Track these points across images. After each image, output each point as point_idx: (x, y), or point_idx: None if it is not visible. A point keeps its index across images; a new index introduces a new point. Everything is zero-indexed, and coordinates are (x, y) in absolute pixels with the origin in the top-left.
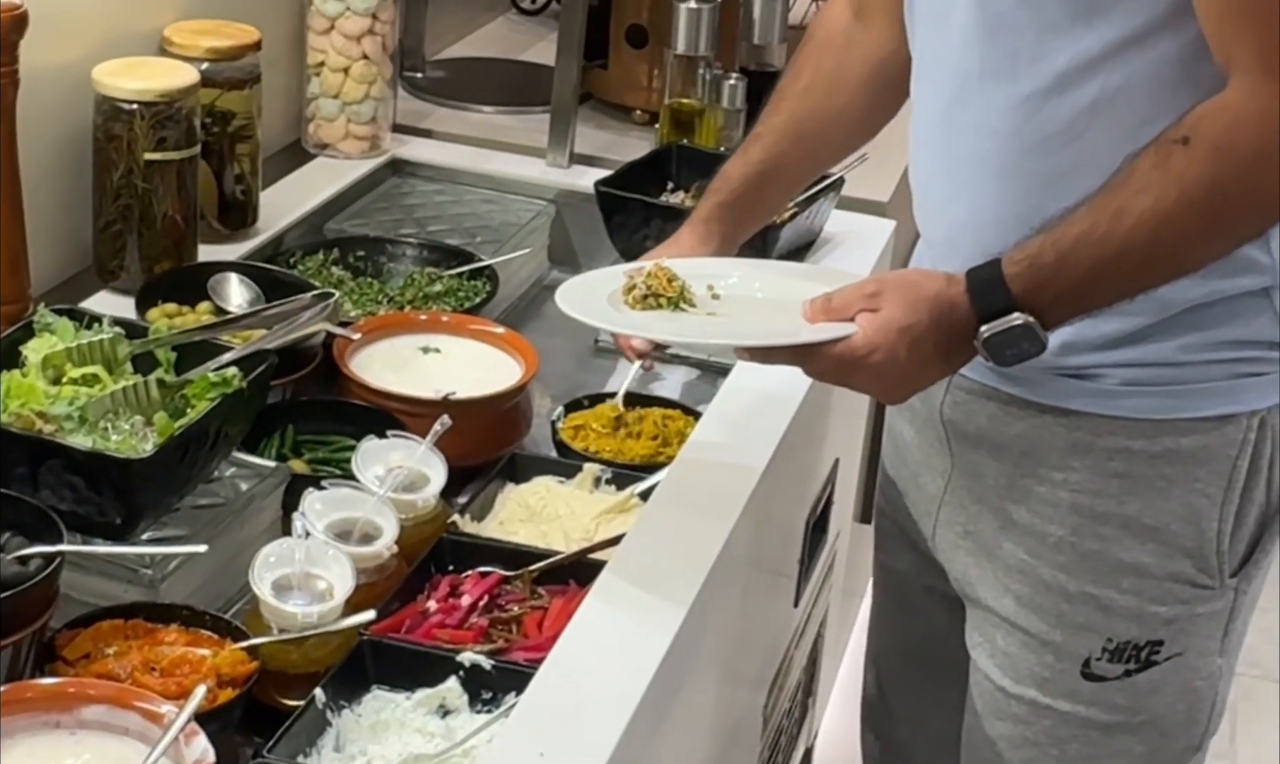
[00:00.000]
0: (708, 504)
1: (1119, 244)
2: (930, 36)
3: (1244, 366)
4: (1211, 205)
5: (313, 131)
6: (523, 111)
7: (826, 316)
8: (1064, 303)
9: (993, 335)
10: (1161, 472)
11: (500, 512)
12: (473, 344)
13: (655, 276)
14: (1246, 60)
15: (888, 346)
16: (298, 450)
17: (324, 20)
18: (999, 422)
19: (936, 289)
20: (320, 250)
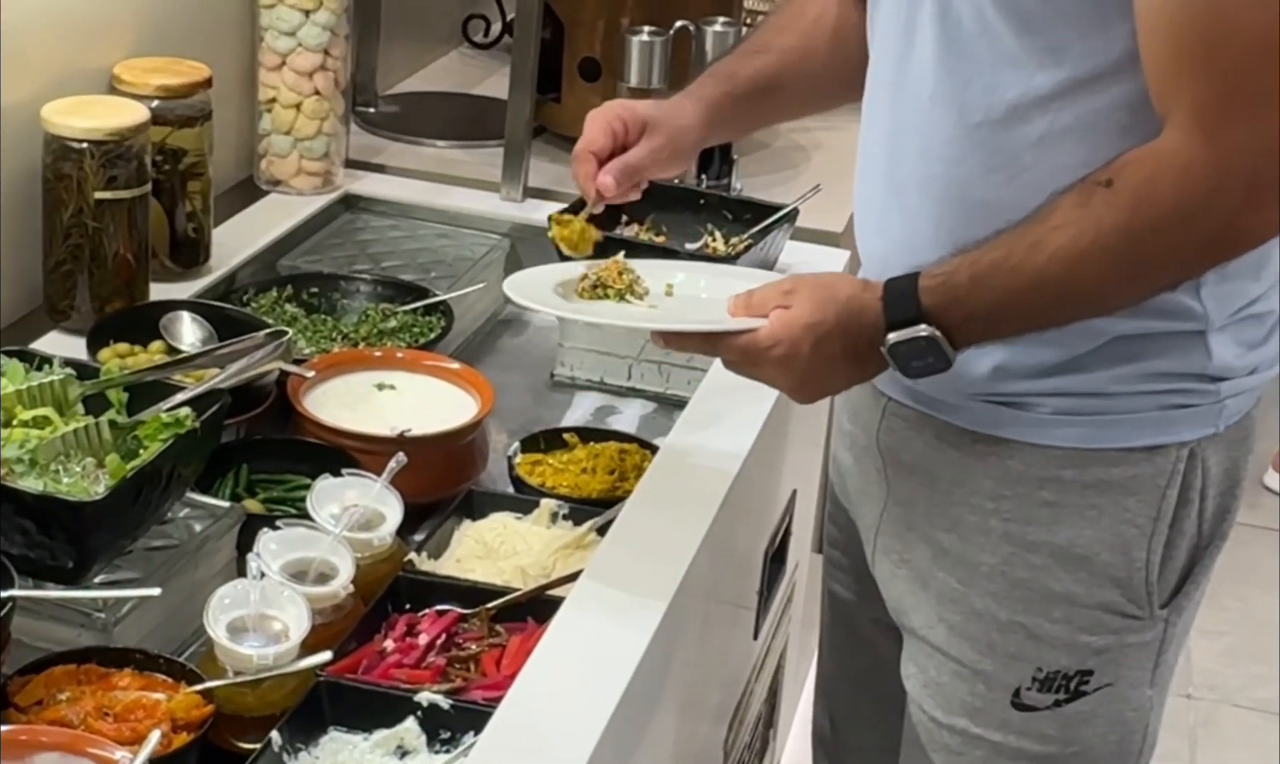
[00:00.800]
0: (665, 538)
1: (1031, 276)
2: (889, 55)
3: (1175, 398)
4: (1124, 252)
5: (265, 168)
6: (476, 145)
7: (747, 312)
8: (973, 324)
9: (898, 343)
10: (1092, 501)
11: (457, 549)
12: (428, 380)
13: (607, 269)
14: (1181, 113)
15: (790, 341)
16: (252, 490)
17: (275, 56)
18: (932, 449)
19: (849, 292)
20: (274, 287)
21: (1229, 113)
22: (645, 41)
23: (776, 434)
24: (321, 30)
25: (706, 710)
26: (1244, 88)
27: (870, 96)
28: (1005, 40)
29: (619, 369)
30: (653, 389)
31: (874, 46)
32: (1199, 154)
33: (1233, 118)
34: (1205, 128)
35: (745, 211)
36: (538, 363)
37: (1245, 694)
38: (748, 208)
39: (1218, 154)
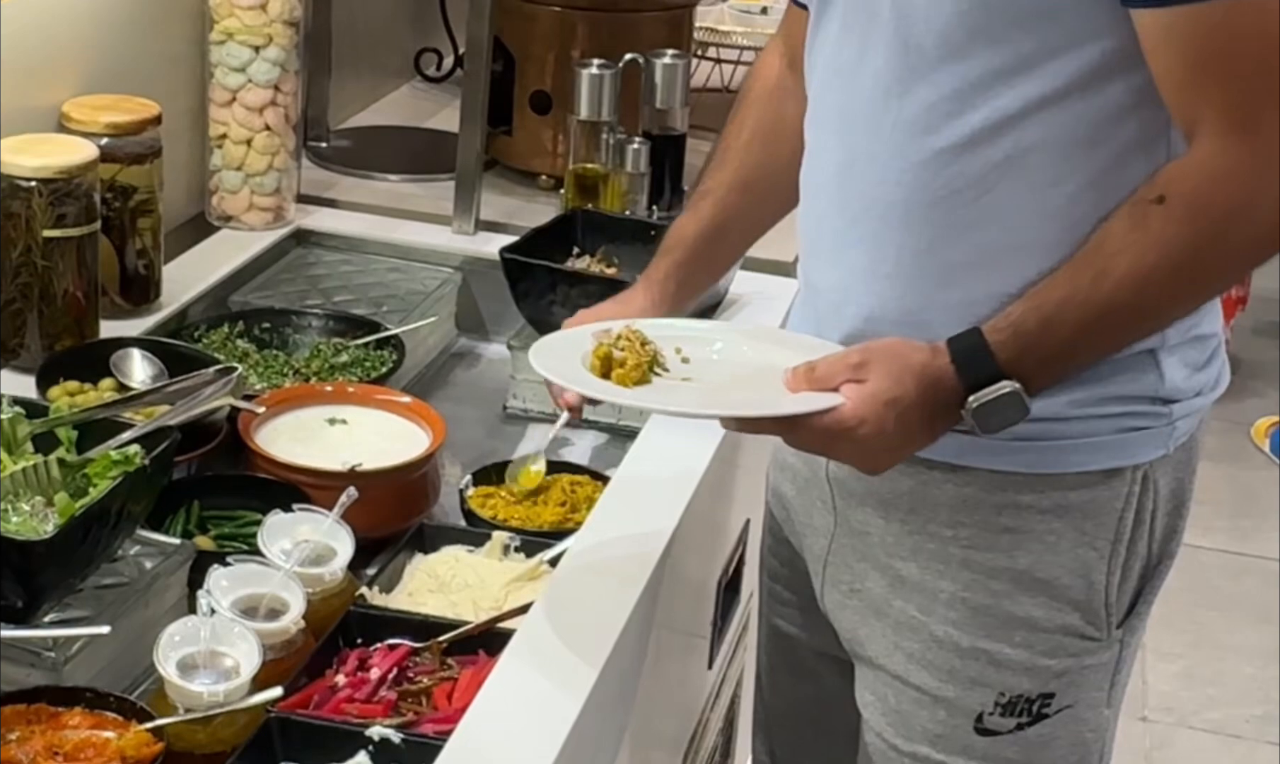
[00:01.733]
0: (616, 569)
1: (1101, 306)
2: (835, 85)
3: (1129, 421)
4: (1190, 263)
5: (216, 204)
6: (429, 179)
7: (809, 385)
8: (1049, 367)
9: (981, 405)
10: (1051, 525)
11: (409, 583)
12: (379, 414)
13: (628, 341)
14: (1213, 119)
15: (876, 419)
16: (204, 526)
17: (225, 92)
18: (886, 479)
19: (923, 360)
20: (225, 323)
21: (1259, 109)
22: (595, 74)
23: (727, 465)
24: (272, 66)
25: (662, 740)
26: (1269, 83)
27: (814, 130)
28: (970, 63)
29: None
30: (605, 420)
31: (815, 78)
32: (1239, 155)
33: (1263, 113)
34: (1239, 129)
35: None
36: (490, 395)
37: (1200, 716)
38: None
39: (1257, 151)
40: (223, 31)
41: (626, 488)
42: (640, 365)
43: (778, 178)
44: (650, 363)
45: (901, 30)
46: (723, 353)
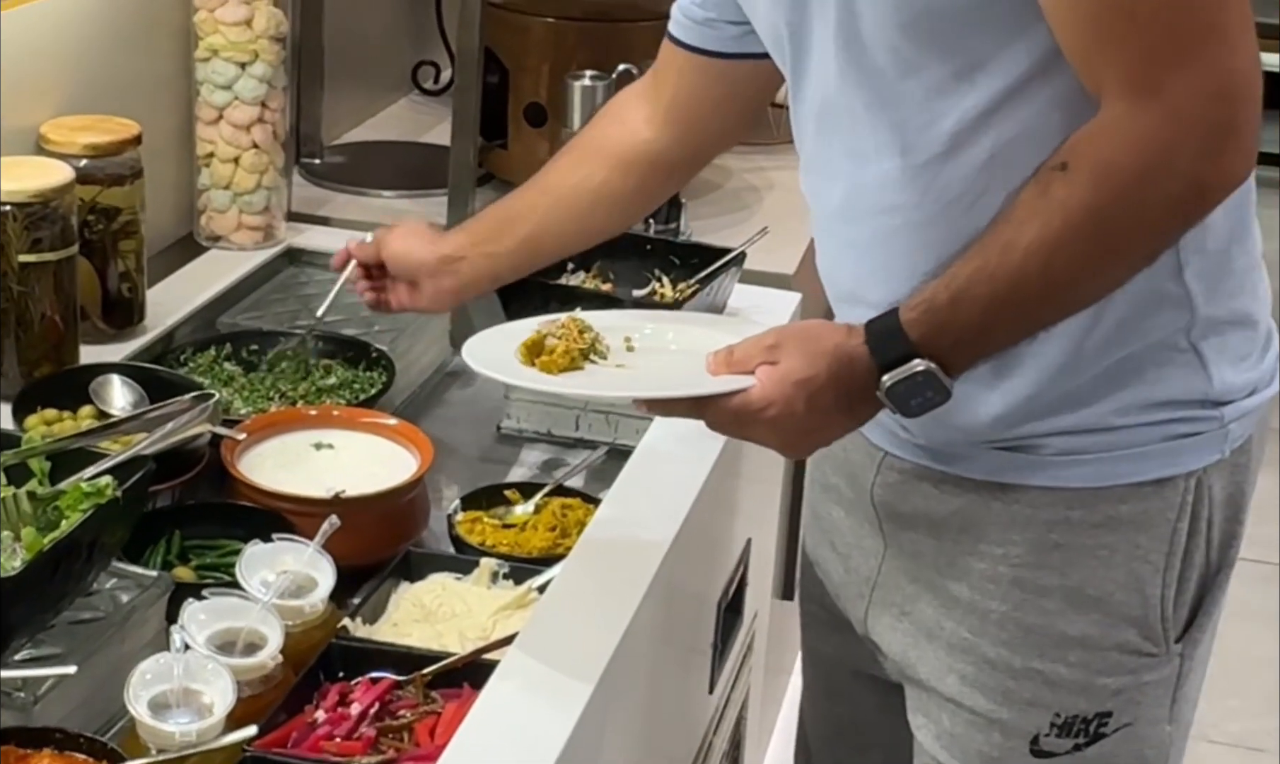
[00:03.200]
0: (604, 596)
1: (1010, 278)
2: (817, 130)
3: (1178, 428)
4: (1096, 229)
5: (204, 223)
6: (424, 195)
7: (728, 369)
8: (965, 345)
9: (895, 384)
10: (1102, 540)
11: (394, 612)
12: (367, 437)
13: (565, 328)
14: (1116, 84)
15: (784, 400)
16: (185, 557)
17: (212, 110)
18: (934, 500)
19: (836, 341)
20: (213, 346)
21: (1166, 67)
22: (588, 86)
23: (726, 483)
24: (258, 83)
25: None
26: (1173, 39)
27: (807, 175)
28: (928, 72)
29: (567, 420)
30: (602, 439)
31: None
32: (1147, 115)
33: (1171, 71)
34: (1146, 89)
35: (693, 256)
36: (485, 415)
37: (1220, 729)
38: (695, 252)
39: (1165, 110)
40: (207, 48)
41: (617, 511)
42: (570, 352)
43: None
44: (587, 350)
45: (854, 59)
46: (673, 341)
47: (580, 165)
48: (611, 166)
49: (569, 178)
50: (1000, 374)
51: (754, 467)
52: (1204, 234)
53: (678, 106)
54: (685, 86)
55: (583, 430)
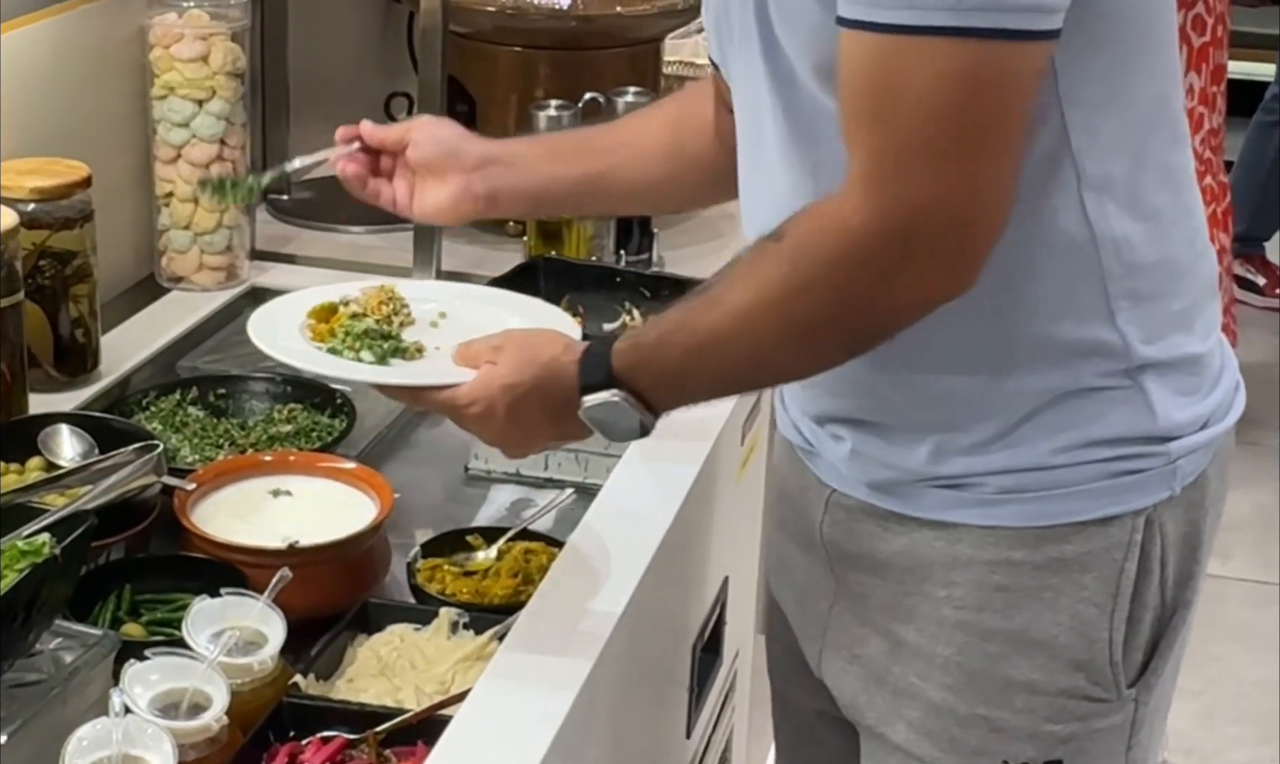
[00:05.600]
0: (565, 644)
1: (707, 334)
2: (747, 159)
3: (1122, 465)
4: (784, 308)
5: (165, 265)
6: (392, 230)
7: (463, 361)
8: (663, 386)
9: (592, 408)
10: (1046, 582)
11: (350, 667)
12: (325, 483)
13: (370, 298)
14: (854, 166)
15: (487, 401)
16: (136, 612)
17: (170, 149)
18: (879, 539)
19: (552, 354)
20: (176, 390)
21: (893, 168)
22: (553, 115)
23: (698, 520)
24: (216, 120)
25: None
26: (909, 144)
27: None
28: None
29: (535, 460)
30: (570, 479)
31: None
32: (860, 208)
33: (895, 173)
34: (869, 182)
35: (663, 287)
36: (452, 455)
37: (1223, 757)
38: (666, 283)
39: (876, 208)
40: (164, 86)
41: (581, 556)
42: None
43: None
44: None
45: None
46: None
47: (663, 130)
48: (709, 142)
49: (645, 136)
50: (925, 411)
51: (730, 501)
52: (1135, 280)
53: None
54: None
55: (551, 470)
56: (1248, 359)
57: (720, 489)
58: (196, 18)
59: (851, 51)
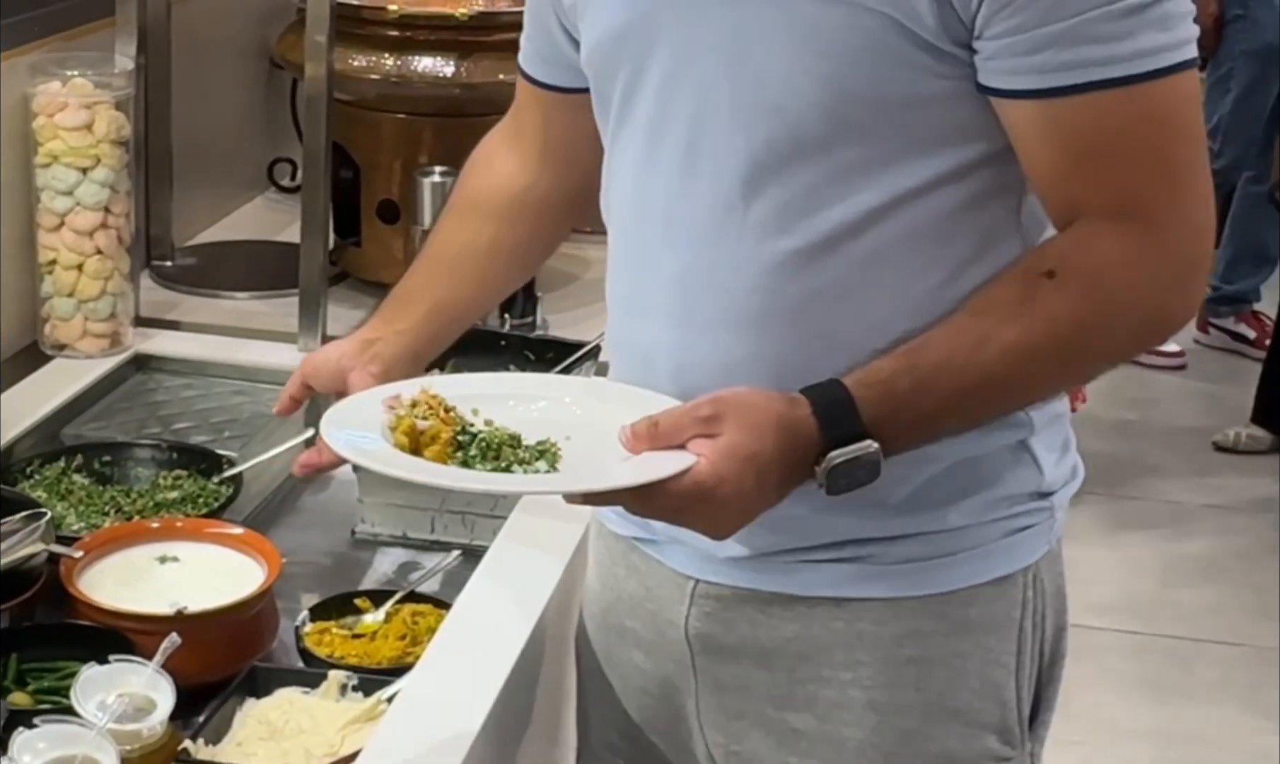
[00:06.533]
0: (452, 704)
1: (979, 375)
2: (655, 195)
3: (1015, 522)
4: (1076, 341)
5: (49, 332)
6: (278, 295)
7: (652, 444)
8: (912, 431)
9: (840, 464)
10: (955, 647)
11: (239, 731)
12: (212, 549)
13: (429, 409)
14: (1102, 205)
15: (735, 477)
16: (23, 681)
17: (53, 217)
18: (762, 627)
19: (780, 411)
20: (61, 457)
21: (1151, 197)
22: (438, 181)
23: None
24: (100, 187)
25: None
26: (1164, 171)
27: (629, 240)
28: (830, 158)
29: (421, 522)
30: (457, 540)
31: (622, 191)
32: (1135, 238)
33: (1156, 202)
34: (1134, 213)
35: (548, 350)
36: (339, 520)
37: None
38: (550, 346)
39: (1153, 237)
40: (47, 154)
41: (468, 616)
42: (452, 437)
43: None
44: (459, 430)
45: (747, 125)
46: (524, 411)
47: (464, 226)
48: (497, 221)
49: (455, 240)
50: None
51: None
52: None
53: (551, 147)
54: (555, 125)
55: (438, 532)
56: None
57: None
58: (80, 86)
59: (1050, 116)
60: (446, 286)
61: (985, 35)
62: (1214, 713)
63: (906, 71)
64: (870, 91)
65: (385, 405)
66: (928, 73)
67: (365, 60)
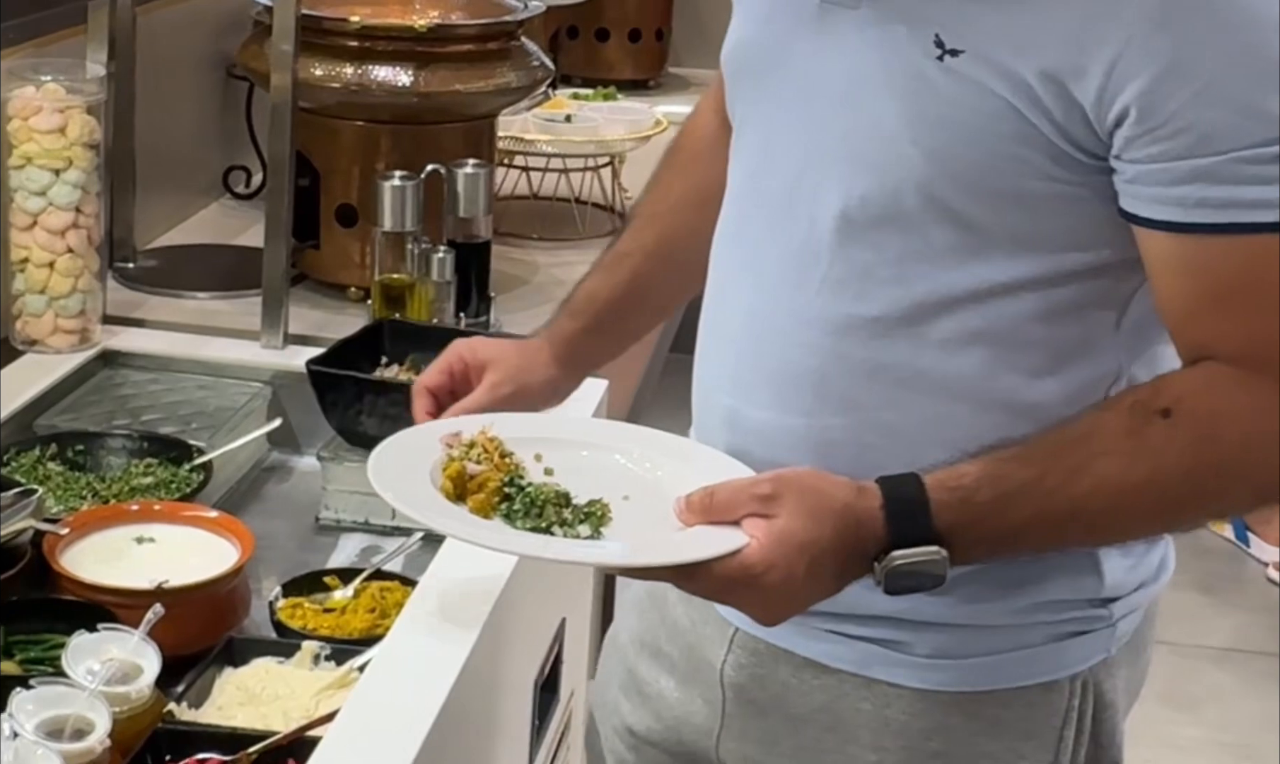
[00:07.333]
0: (424, 670)
1: (1069, 503)
2: (755, 215)
3: (1066, 626)
4: (1179, 491)
5: (20, 328)
6: (238, 295)
7: (706, 517)
8: (985, 544)
9: (902, 566)
10: (984, 748)
11: (219, 697)
12: (188, 530)
13: (485, 452)
14: (1231, 351)
15: (786, 565)
16: (9, 652)
17: (26, 216)
18: (793, 690)
19: (845, 501)
20: (37, 446)
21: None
22: (397, 186)
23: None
24: (73, 188)
25: None
26: None
27: (725, 264)
28: (924, 230)
29: (383, 509)
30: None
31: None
32: (1261, 392)
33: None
34: (1262, 366)
35: None
36: (303, 508)
37: None
38: None
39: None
40: (21, 156)
41: (434, 591)
42: (499, 487)
43: (704, 247)
44: (511, 476)
45: (845, 177)
46: (591, 461)
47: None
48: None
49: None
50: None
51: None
52: None
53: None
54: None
55: (399, 519)
56: None
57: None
58: (54, 91)
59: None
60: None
61: (1124, 156)
62: None
63: (1017, 165)
64: (974, 177)
65: (443, 442)
66: (1039, 173)
67: (325, 69)
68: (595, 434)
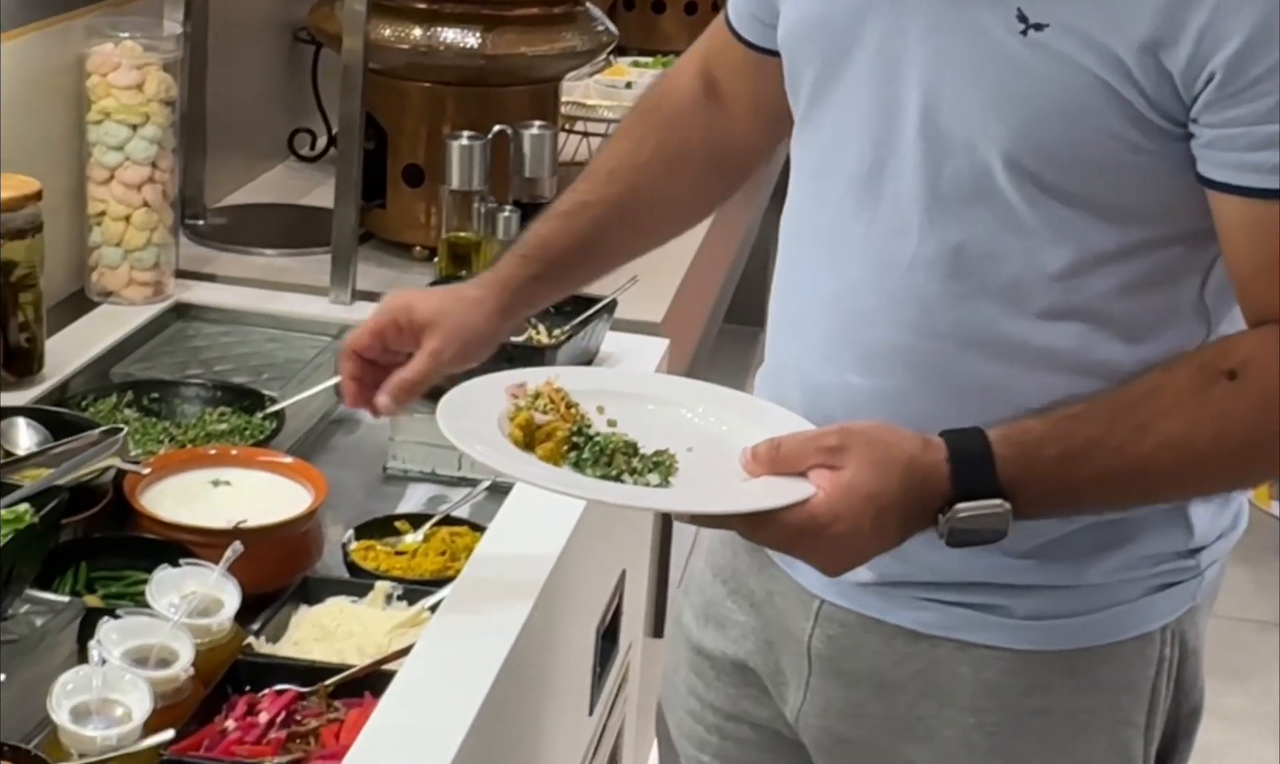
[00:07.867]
0: (492, 614)
1: (1134, 461)
2: (833, 199)
3: (1158, 579)
4: (1244, 450)
5: (96, 280)
6: (305, 253)
7: (772, 468)
8: (1048, 500)
9: (966, 518)
10: (1084, 703)
11: (294, 633)
12: (262, 475)
13: (551, 403)
14: None
15: (853, 516)
16: (91, 587)
17: (104, 170)
18: (885, 659)
19: (911, 453)
20: (114, 392)
21: None
22: (465, 146)
23: (601, 516)
24: (149, 144)
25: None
26: None
27: (800, 246)
28: (1014, 207)
29: (449, 460)
30: (483, 476)
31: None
32: None
33: None
34: None
35: (565, 303)
36: (370, 458)
37: None
38: (569, 300)
39: None
40: (100, 111)
41: (502, 537)
42: (568, 436)
43: (667, 209)
44: (577, 428)
45: (932, 156)
46: (654, 415)
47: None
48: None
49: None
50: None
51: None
52: None
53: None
54: (762, 91)
55: (465, 469)
56: None
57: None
58: (132, 49)
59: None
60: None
61: (1202, 120)
62: None
63: (1105, 139)
64: (1064, 151)
65: (509, 392)
66: (1126, 144)
67: (394, 31)
68: (657, 388)
